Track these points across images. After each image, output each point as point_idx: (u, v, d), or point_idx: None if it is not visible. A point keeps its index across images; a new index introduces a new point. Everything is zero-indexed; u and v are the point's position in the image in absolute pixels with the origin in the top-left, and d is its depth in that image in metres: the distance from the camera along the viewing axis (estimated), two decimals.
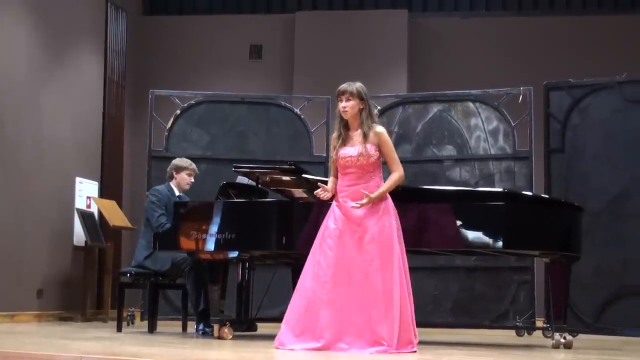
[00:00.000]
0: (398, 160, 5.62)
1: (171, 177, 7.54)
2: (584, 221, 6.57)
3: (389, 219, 5.51)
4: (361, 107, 5.60)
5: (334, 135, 5.69)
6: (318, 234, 5.60)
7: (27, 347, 5.22)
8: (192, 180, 7.56)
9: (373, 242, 5.44)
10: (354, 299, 5.35)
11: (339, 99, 5.62)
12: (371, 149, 5.55)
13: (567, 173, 8.17)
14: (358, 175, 5.56)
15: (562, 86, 8.33)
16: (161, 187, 7.52)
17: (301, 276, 5.57)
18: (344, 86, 5.62)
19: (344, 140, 5.63)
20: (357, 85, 5.62)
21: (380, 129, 5.62)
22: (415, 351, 5.34)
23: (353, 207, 5.49)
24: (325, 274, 5.43)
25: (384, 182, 5.59)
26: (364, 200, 5.47)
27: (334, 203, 5.63)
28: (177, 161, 7.61)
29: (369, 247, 5.43)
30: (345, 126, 5.65)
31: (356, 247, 5.44)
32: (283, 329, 5.48)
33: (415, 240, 6.20)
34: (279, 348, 5.41)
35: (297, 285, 5.57)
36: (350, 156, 5.56)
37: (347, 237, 5.47)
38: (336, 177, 5.68)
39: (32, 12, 9.42)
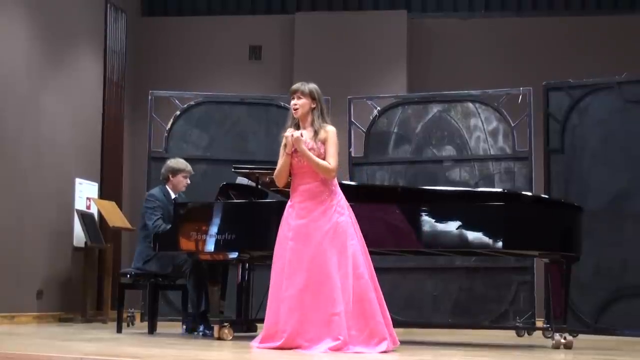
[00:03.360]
0: (336, 158, 5.64)
1: (167, 180, 7.48)
2: (583, 221, 6.57)
3: (342, 215, 5.56)
4: (312, 106, 5.69)
5: (284, 133, 5.73)
6: (278, 235, 5.66)
7: (27, 349, 5.22)
8: (188, 181, 7.52)
9: (326, 239, 5.47)
10: (310, 297, 5.40)
11: (291, 98, 5.73)
12: (321, 147, 5.62)
13: (566, 173, 8.18)
14: (311, 174, 5.61)
15: (561, 86, 8.34)
16: (157, 192, 7.44)
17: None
18: (296, 85, 5.75)
19: None
20: (310, 85, 5.73)
21: (330, 127, 5.70)
22: (385, 350, 5.31)
23: (295, 136, 5.56)
24: (281, 273, 5.51)
25: (336, 182, 5.66)
26: (301, 145, 5.53)
27: (288, 202, 5.69)
28: (172, 163, 7.51)
29: (324, 245, 5.46)
30: (297, 125, 5.73)
31: (310, 245, 5.48)
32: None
33: (415, 240, 6.21)
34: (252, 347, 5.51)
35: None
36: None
37: (302, 236, 5.51)
38: (289, 154, 5.70)
39: (31, 12, 9.42)
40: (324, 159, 5.61)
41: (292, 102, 5.71)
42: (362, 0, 11.98)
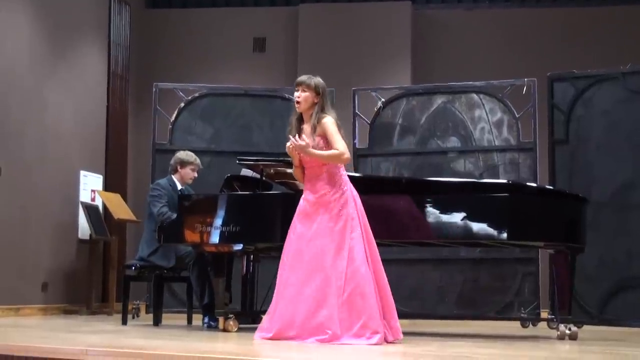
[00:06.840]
0: (342, 143, 5.52)
1: (175, 171, 7.52)
2: (588, 212, 6.56)
3: (344, 208, 5.52)
4: (315, 101, 5.61)
5: (289, 128, 5.70)
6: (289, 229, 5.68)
7: (33, 341, 5.23)
8: (196, 175, 7.55)
9: (324, 231, 5.46)
10: (302, 289, 5.41)
11: (295, 89, 5.65)
12: (319, 141, 5.57)
13: (571, 164, 8.16)
14: (314, 168, 5.60)
15: (566, 77, 8.32)
16: (163, 181, 7.50)
17: None
18: (302, 77, 5.67)
19: (299, 134, 5.62)
20: (316, 79, 5.64)
21: (326, 119, 5.58)
22: (377, 343, 5.26)
23: (298, 142, 5.48)
24: (284, 265, 5.56)
25: (343, 172, 5.60)
26: (303, 143, 5.47)
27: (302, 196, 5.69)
28: (182, 155, 7.55)
29: (323, 239, 5.45)
30: (300, 119, 5.68)
31: (309, 238, 5.49)
32: None
33: (419, 232, 6.20)
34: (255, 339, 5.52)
35: None
36: None
37: (304, 228, 5.53)
38: (298, 166, 5.70)
39: (35, 5, 9.42)
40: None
41: (295, 94, 5.65)
42: None
